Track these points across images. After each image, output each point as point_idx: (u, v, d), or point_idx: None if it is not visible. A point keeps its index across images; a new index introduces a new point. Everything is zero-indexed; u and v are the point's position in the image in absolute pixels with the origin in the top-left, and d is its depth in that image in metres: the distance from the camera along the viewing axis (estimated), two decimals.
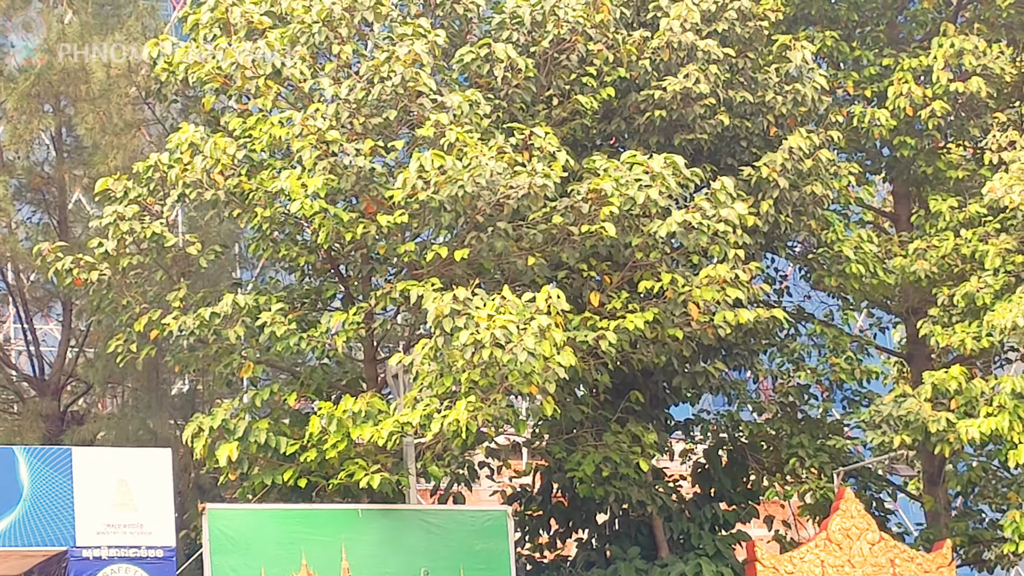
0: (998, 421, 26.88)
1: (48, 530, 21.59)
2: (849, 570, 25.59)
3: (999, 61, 29.49)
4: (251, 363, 25.90)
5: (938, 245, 29.06)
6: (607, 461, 27.03)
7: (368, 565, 23.76)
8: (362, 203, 24.98)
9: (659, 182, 25.43)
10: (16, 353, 29.95)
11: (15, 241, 28.01)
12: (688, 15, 27.71)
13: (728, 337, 26.95)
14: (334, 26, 25.80)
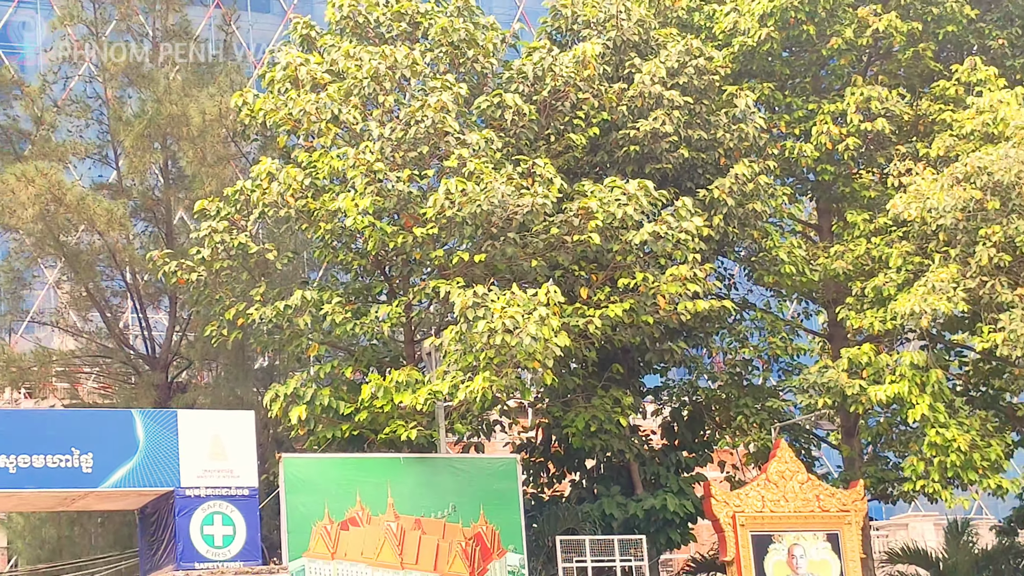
0: (899, 387, 26.94)
1: (158, 475, 21.68)
2: (784, 503, 25.66)
3: (899, 105, 29.52)
4: (316, 344, 26.05)
5: (853, 249, 29.14)
6: (594, 419, 27.14)
7: (408, 502, 23.86)
8: (402, 219, 25.08)
9: (634, 201, 25.55)
10: (133, 336, 30.01)
11: (132, 249, 28.12)
12: (656, 71, 27.80)
13: (688, 322, 27.01)
14: (379, 81, 25.89)
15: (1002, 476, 28.08)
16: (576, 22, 29.40)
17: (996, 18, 31.77)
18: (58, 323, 31.71)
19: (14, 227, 27.83)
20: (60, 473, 21.35)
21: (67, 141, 29.86)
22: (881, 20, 29.95)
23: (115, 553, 27.67)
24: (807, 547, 25.70)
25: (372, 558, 23.47)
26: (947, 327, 29.53)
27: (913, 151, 29.48)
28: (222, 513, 21.84)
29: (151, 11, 30.15)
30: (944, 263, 26.97)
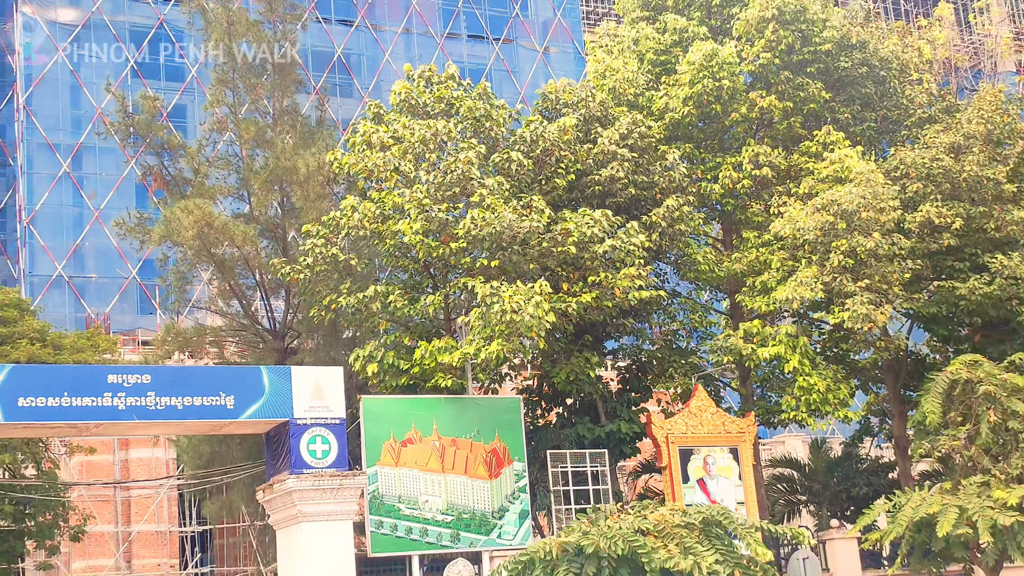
0: (778, 349, 27.07)
1: (278, 409, 21.78)
2: (700, 428, 25.77)
3: (777, 158, 29.50)
4: (383, 321, 26.24)
5: (746, 256, 29.16)
6: (572, 371, 27.21)
7: (447, 428, 24.03)
8: (441, 237, 25.09)
9: (598, 225, 25.68)
10: (260, 317, 30.10)
11: (259, 258, 28.27)
12: (612, 136, 27.87)
13: (635, 305, 27.08)
14: (426, 143, 25.92)
15: (847, 409, 28.25)
16: (558, 103, 29.46)
17: (843, 99, 31.78)
18: (210, 308, 31.80)
19: (179, 243, 27.96)
20: (212, 409, 21.50)
21: (215, 185, 30.01)
22: (765, 100, 29.97)
23: (249, 463, 27.81)
24: (716, 457, 25.79)
25: (423, 466, 23.64)
26: (811, 308, 29.62)
27: (787, 189, 29.48)
28: (321, 435, 21.94)
29: (271, 97, 30.27)
30: (808, 265, 27.07)
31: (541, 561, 19.92)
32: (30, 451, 29.22)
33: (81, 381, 20.91)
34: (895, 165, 29.44)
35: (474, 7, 57.56)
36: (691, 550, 19.48)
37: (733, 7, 31.74)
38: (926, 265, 29.11)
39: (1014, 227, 29.44)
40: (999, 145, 31.24)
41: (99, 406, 20.75)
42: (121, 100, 30.74)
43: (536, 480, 26.42)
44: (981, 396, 24.12)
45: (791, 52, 30.52)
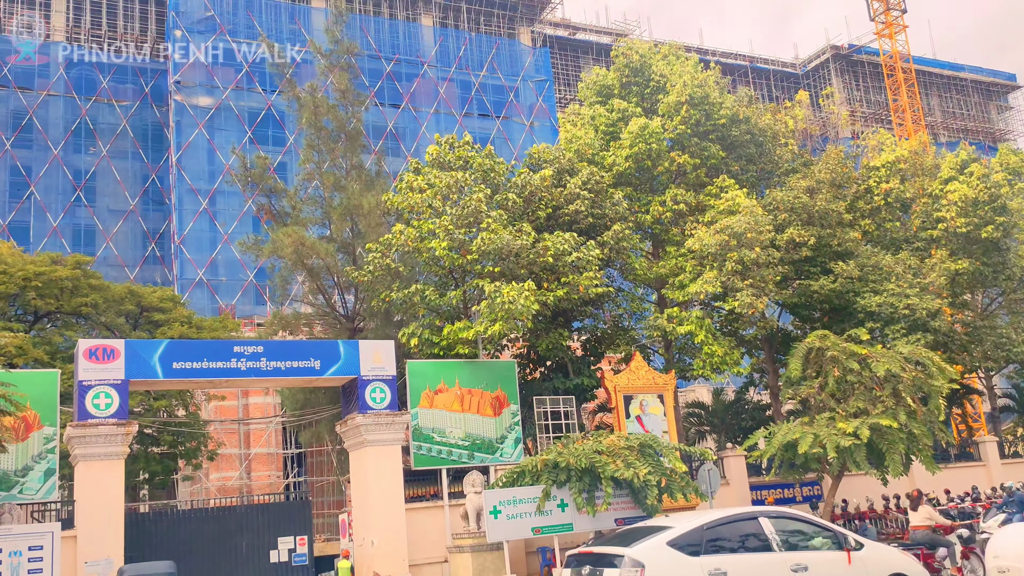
0: (690, 327, 26.99)
1: (350, 370, 21.71)
2: (637, 381, 25.53)
3: (690, 198, 29.46)
4: (422, 309, 26.06)
5: (669, 263, 29.10)
6: (550, 342, 27.14)
7: (465, 382, 23.92)
8: (461, 251, 25.02)
9: (568, 243, 25.56)
10: (339, 306, 29.95)
11: (337, 266, 28.08)
12: (577, 181, 27.78)
13: (593, 298, 27.03)
14: (450, 188, 25.86)
15: (738, 368, 28.22)
16: (540, 160, 29.41)
17: (734, 157, 31.75)
18: (303, 300, 31.72)
19: (282, 256, 27.86)
20: (305, 369, 21.46)
21: (307, 217, 29.89)
22: (680, 158, 29.93)
23: (331, 406, 27.75)
24: (648, 401, 25.69)
25: (449, 407, 23.55)
26: (712, 299, 29.56)
27: (696, 219, 29.45)
28: (379, 387, 21.90)
29: (344, 156, 30.14)
30: (710, 270, 27.02)
31: (529, 472, 19.95)
32: (181, 399, 29.20)
33: (215, 350, 20.90)
34: (769, 201, 29.44)
35: (482, 94, 57.55)
36: (632, 464, 19.51)
37: (659, 94, 31.70)
38: (791, 270, 29.12)
39: (850, 243, 29.51)
40: (839, 188, 31.26)
41: (228, 368, 20.74)
42: (242, 159, 30.69)
43: (525, 417, 26.38)
44: (828, 358, 24.12)
45: (698, 125, 30.49)
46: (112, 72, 52.72)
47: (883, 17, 68.39)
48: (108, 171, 51.76)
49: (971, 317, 34.74)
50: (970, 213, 32.31)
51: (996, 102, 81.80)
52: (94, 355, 19.40)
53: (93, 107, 52.04)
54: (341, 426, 22.89)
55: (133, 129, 52.72)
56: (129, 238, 51.69)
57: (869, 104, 74.99)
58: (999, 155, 44.77)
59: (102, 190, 51.63)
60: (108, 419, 19.00)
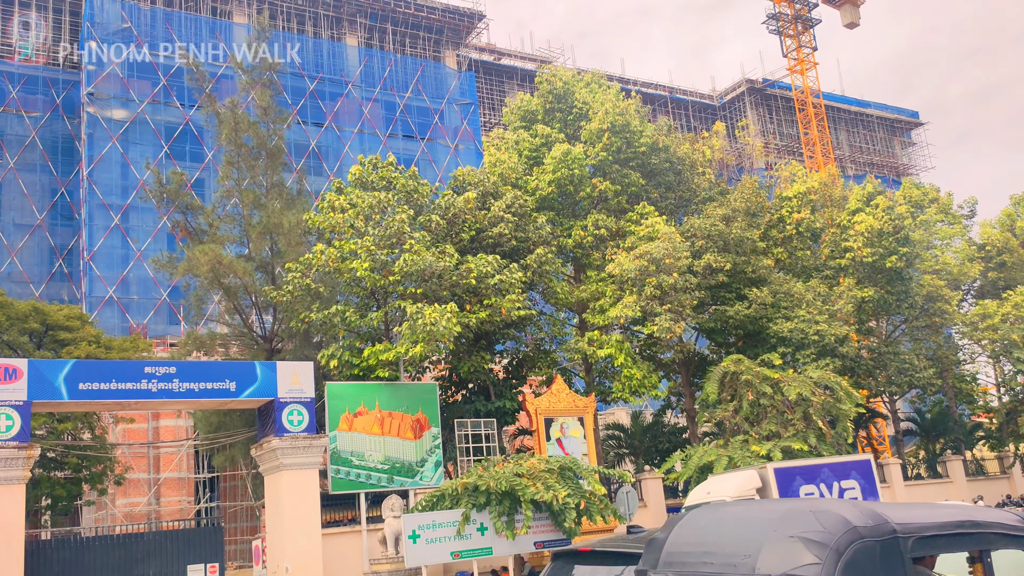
0: (610, 350, 27.31)
1: (267, 392, 21.22)
2: (558, 404, 25.68)
3: (611, 223, 29.88)
4: (342, 330, 25.69)
5: (589, 288, 29.41)
6: (472, 365, 27.07)
7: (386, 404, 23.61)
8: (383, 272, 24.82)
9: (491, 265, 25.60)
10: (256, 326, 29.32)
11: (255, 285, 27.52)
12: (501, 205, 27.89)
13: (516, 320, 27.12)
14: (373, 208, 25.68)
15: (656, 391, 28.65)
16: (464, 183, 29.47)
17: (653, 184, 32.38)
18: (219, 320, 30.93)
19: (197, 275, 27.15)
20: (220, 391, 20.85)
21: (224, 235, 29.20)
22: (602, 184, 30.40)
23: (246, 429, 27.10)
24: (569, 423, 25.83)
25: (368, 430, 23.21)
26: (632, 323, 29.98)
27: (617, 244, 29.88)
28: (297, 409, 21.42)
29: (265, 174, 29.61)
30: (630, 294, 27.42)
31: (449, 495, 19.76)
32: (87, 421, 28.09)
33: (125, 371, 20.17)
34: (687, 228, 30.09)
35: (407, 116, 57.42)
36: (551, 487, 19.52)
37: (581, 120, 32.18)
38: (707, 295, 29.78)
39: (763, 270, 30.34)
40: (754, 216, 32.18)
41: (138, 389, 20.02)
42: (157, 174, 29.92)
43: (446, 440, 26.22)
44: (743, 382, 24.72)
45: (619, 152, 31.04)
46: (22, 82, 50.80)
47: (795, 54, 71.02)
48: (15, 184, 49.71)
49: (876, 343, 36.09)
50: (875, 243, 33.66)
51: (900, 137, 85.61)
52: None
53: (1, 117, 50.02)
54: (256, 449, 22.32)
55: (43, 141, 50.80)
56: (35, 253, 49.65)
57: (782, 136, 77.60)
58: (902, 188, 46.90)
59: (8, 203, 49.53)
60: (8, 442, 18.13)
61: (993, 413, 40.53)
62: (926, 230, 40.70)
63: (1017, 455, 39.51)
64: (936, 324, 37.46)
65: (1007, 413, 37.80)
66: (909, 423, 44.95)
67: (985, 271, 44.35)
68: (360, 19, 57.27)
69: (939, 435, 41.30)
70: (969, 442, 41.60)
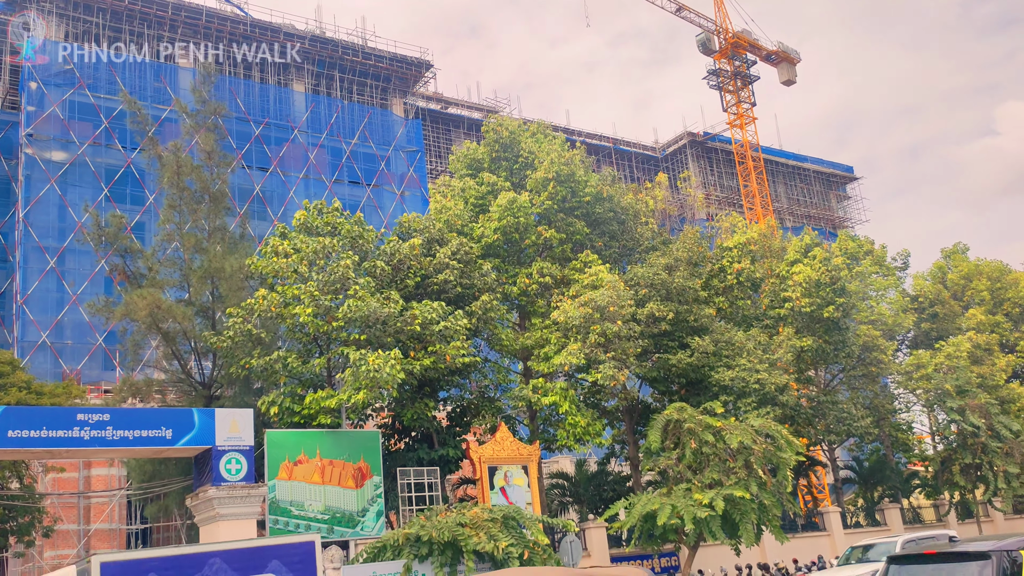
0: (555, 397, 27.35)
1: (204, 439, 20.79)
2: (502, 452, 25.54)
3: (555, 271, 30.11)
4: (283, 376, 25.32)
5: (534, 335, 29.45)
6: (415, 412, 26.83)
7: (327, 452, 23.25)
8: (327, 318, 24.62)
9: (435, 312, 25.60)
10: (195, 372, 28.70)
11: (194, 330, 27.07)
12: (447, 251, 27.98)
13: (460, 367, 27.03)
14: (317, 253, 25.55)
15: (600, 438, 28.64)
16: (410, 229, 29.51)
17: (598, 233, 32.77)
18: (156, 366, 30.27)
19: (135, 319, 26.58)
20: (155, 439, 20.38)
21: (164, 279, 28.64)
22: (547, 232, 30.70)
23: (181, 478, 26.38)
24: (513, 472, 25.71)
25: (309, 479, 22.80)
26: (577, 370, 30.03)
27: (561, 291, 30.06)
28: (235, 458, 21.02)
29: (207, 218, 29.26)
30: (574, 342, 27.55)
31: (391, 546, 19.47)
32: (15, 470, 27.08)
33: (56, 418, 19.62)
34: (631, 277, 30.47)
35: (353, 162, 57.49)
36: (494, 536, 19.37)
37: (527, 169, 32.57)
38: (651, 343, 30.09)
39: (705, 319, 30.81)
40: (696, 266, 32.74)
41: (70, 437, 19.51)
42: (96, 217, 29.35)
43: (389, 489, 25.86)
44: (686, 430, 24.90)
45: (565, 201, 31.45)
46: None
47: (735, 108, 73.15)
48: None
49: (815, 392, 36.74)
50: (813, 293, 34.47)
51: (836, 191, 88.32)
52: None
53: None
54: (192, 499, 21.75)
55: None
56: None
57: (723, 188, 79.47)
58: (839, 240, 48.24)
59: None
60: None
61: (928, 461, 41.39)
62: (862, 281, 41.79)
63: (951, 503, 40.29)
64: (872, 373, 38.31)
65: (942, 461, 38.61)
66: (848, 471, 45.60)
67: (919, 322, 45.64)
68: (308, 66, 57.47)
69: (877, 483, 41.96)
70: (906, 490, 42.34)
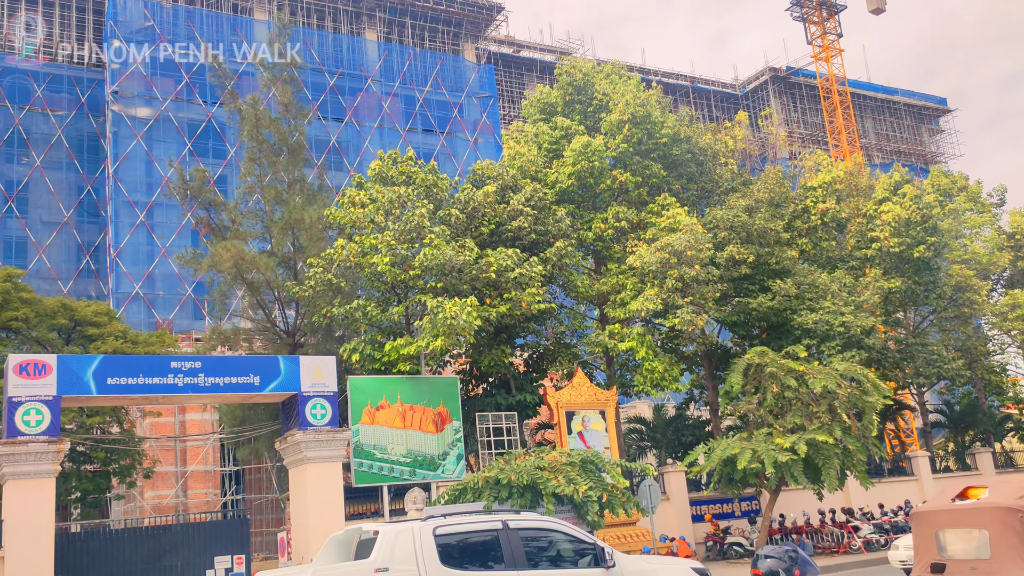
0: (632, 343, 27.32)
1: (290, 386, 21.47)
2: (579, 397, 25.67)
3: (631, 215, 29.85)
4: (363, 324, 25.97)
5: (610, 280, 29.39)
6: (493, 358, 27.19)
7: (407, 398, 23.81)
8: (403, 267, 25.04)
9: (510, 259, 25.74)
10: (279, 321, 29.63)
11: (277, 280, 27.87)
12: (520, 198, 27.96)
13: (536, 314, 27.20)
14: (392, 203, 25.88)
15: (678, 384, 28.59)
16: (483, 176, 29.57)
17: (675, 176, 32.19)
18: (242, 315, 31.34)
19: (221, 270, 27.51)
20: (244, 385, 21.14)
21: (247, 231, 29.56)
22: (622, 176, 30.37)
23: (270, 423, 27.45)
24: (590, 417, 25.88)
25: (390, 424, 23.45)
26: (653, 316, 29.98)
27: (637, 236, 29.83)
28: (320, 403, 21.68)
29: (286, 170, 29.94)
30: (651, 287, 27.41)
31: (471, 488, 19.94)
32: (115, 415, 28.58)
33: (152, 366, 20.52)
34: (709, 220, 30.01)
35: (426, 109, 57.65)
36: (573, 480, 19.65)
37: (602, 112, 32.14)
38: (730, 287, 29.71)
39: (787, 262, 30.21)
40: (777, 207, 32.02)
41: (164, 383, 20.36)
42: (180, 172, 30.35)
43: (468, 433, 26.42)
44: (767, 375, 24.65)
45: (640, 144, 30.99)
46: (47, 81, 51.54)
47: (819, 41, 70.38)
48: (42, 182, 50.50)
49: (903, 335, 35.81)
50: (903, 233, 33.38)
51: (928, 125, 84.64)
52: (25, 370, 18.92)
53: (27, 116, 50.78)
54: (281, 443, 22.63)
55: (68, 139, 51.54)
56: (63, 251, 50.44)
57: (806, 125, 76.98)
58: (930, 177, 46.36)
59: (35, 201, 50.33)
60: (38, 436, 18.53)
61: (1023, 404, 40.11)
62: (955, 219, 40.26)
63: None
64: (965, 315, 37.09)
65: None
66: (938, 415, 44.59)
67: (1015, 260, 43.83)
68: (379, 14, 57.51)
69: (968, 427, 40.95)
70: (998, 434, 41.21)
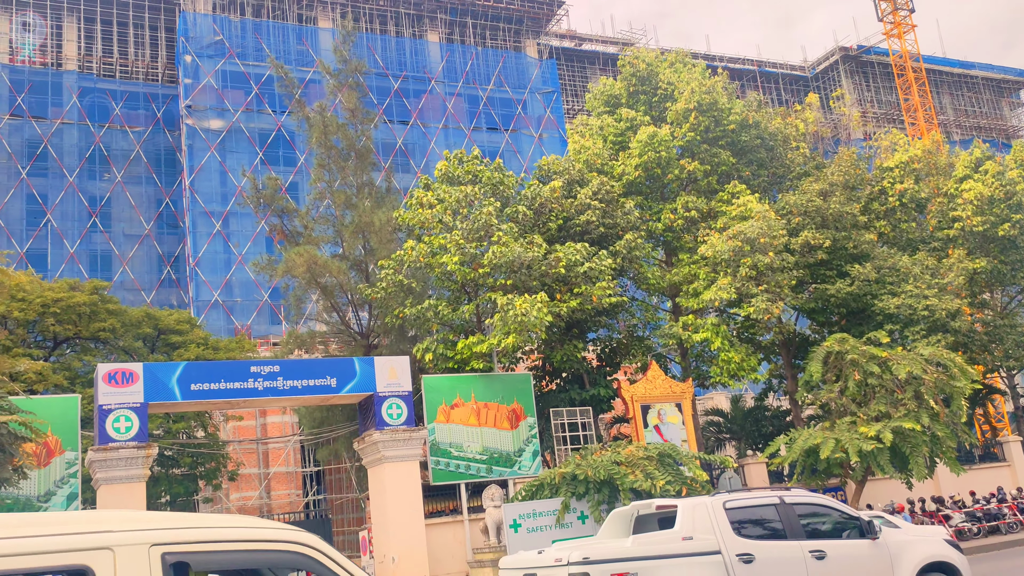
0: (706, 333, 26.88)
1: (366, 386, 21.70)
2: (654, 390, 25.45)
3: (701, 204, 29.40)
4: (435, 324, 26.03)
5: (682, 271, 28.99)
6: (565, 354, 27.07)
7: (481, 396, 23.84)
8: (473, 265, 25.07)
9: (579, 253, 25.55)
10: (353, 323, 29.99)
11: (351, 283, 28.16)
12: (587, 192, 27.76)
13: (607, 307, 26.99)
14: (460, 203, 25.93)
15: (756, 374, 28.04)
16: (549, 172, 29.46)
17: (745, 162, 31.66)
18: (317, 319, 31.83)
19: (295, 276, 27.97)
20: (321, 388, 21.46)
21: (319, 236, 29.97)
22: (691, 165, 29.90)
23: (348, 423, 27.81)
24: (666, 410, 25.60)
25: (465, 422, 23.53)
26: (728, 306, 29.45)
27: (708, 225, 29.36)
28: (395, 403, 21.89)
29: (355, 174, 30.25)
30: (724, 276, 26.93)
31: (548, 484, 19.87)
32: (200, 420, 29.34)
33: (232, 371, 20.99)
34: (782, 206, 29.35)
35: (490, 108, 57.77)
36: (650, 474, 19.38)
37: (667, 102, 31.71)
38: (806, 274, 29.00)
39: (865, 245, 29.35)
40: (853, 190, 31.14)
41: (245, 388, 20.81)
42: (253, 181, 30.90)
43: (543, 429, 26.36)
44: (848, 362, 23.98)
45: (708, 131, 30.49)
46: (124, 99, 53.32)
47: (891, 17, 68.21)
48: (123, 196, 52.27)
49: (991, 316, 34.44)
50: (986, 211, 32.11)
51: (1008, 98, 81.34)
52: (113, 379, 19.55)
53: (107, 133, 52.63)
54: (359, 443, 22.92)
55: (146, 154, 53.25)
56: (145, 262, 52.15)
57: (880, 104, 74.72)
58: (1013, 152, 44.40)
59: (117, 215, 52.14)
60: (128, 442, 19.13)
61: None
62: None
63: None
64: None
65: None
66: None
67: None
68: (440, 15, 57.84)
69: None
70: None
